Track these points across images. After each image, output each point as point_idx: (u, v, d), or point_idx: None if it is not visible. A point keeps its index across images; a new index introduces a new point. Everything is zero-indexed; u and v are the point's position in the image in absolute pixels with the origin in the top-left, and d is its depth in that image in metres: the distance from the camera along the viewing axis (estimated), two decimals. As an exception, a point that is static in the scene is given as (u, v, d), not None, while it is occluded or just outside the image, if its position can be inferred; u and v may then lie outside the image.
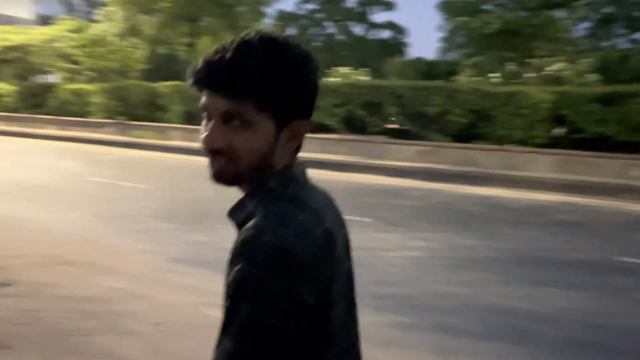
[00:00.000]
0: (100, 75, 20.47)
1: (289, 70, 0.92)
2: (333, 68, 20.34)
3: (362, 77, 19.87)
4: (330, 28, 41.90)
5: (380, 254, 6.23)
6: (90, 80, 21.01)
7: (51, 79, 27.68)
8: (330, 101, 15.04)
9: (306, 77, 0.95)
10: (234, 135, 0.91)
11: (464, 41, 21.76)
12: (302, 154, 1.02)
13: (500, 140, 13.29)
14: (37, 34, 21.43)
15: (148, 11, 18.18)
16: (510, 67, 16.46)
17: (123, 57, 19.83)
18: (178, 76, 21.02)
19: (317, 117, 15.78)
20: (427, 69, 38.09)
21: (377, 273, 5.42)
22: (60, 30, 21.37)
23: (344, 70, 20.26)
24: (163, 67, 21.48)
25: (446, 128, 14.16)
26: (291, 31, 37.42)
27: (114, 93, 19.73)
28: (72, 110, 20.06)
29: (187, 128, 17.92)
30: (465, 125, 13.98)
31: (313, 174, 1.06)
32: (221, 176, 0.95)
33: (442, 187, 11.10)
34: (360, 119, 14.77)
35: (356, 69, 20.79)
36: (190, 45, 19.27)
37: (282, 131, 0.94)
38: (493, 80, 15.95)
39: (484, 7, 21.51)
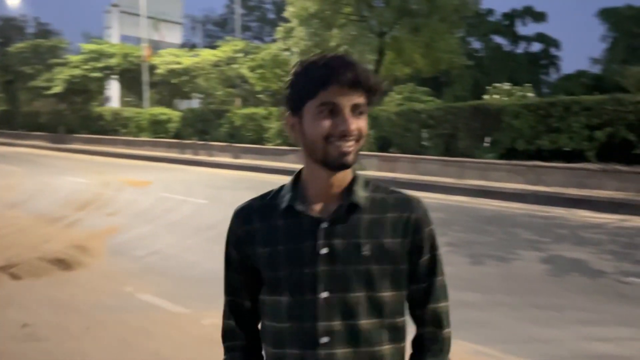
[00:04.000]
0: (274, 99, 18.82)
1: None
2: (495, 85, 17.48)
3: (529, 93, 16.92)
4: (474, 43, 38.92)
5: None
6: (261, 104, 19.46)
7: (193, 104, 26.85)
8: (583, 121, 12.14)
9: None
10: None
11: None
12: (547, 188, 0.73)
13: None
14: (207, 56, 20.19)
15: (332, 26, 16.22)
16: None
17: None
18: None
19: (563, 141, 12.89)
20: (594, 84, 34.20)
21: None
22: (227, 52, 20.03)
23: (505, 86, 17.36)
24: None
25: None
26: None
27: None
28: (246, 136, 18.46)
29: (382, 156, 15.71)
30: None
31: (565, 214, 1.29)
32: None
33: None
34: (628, 144, 11.70)
35: (515, 85, 17.73)
36: (377, 62, 17.10)
37: None
38: None
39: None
